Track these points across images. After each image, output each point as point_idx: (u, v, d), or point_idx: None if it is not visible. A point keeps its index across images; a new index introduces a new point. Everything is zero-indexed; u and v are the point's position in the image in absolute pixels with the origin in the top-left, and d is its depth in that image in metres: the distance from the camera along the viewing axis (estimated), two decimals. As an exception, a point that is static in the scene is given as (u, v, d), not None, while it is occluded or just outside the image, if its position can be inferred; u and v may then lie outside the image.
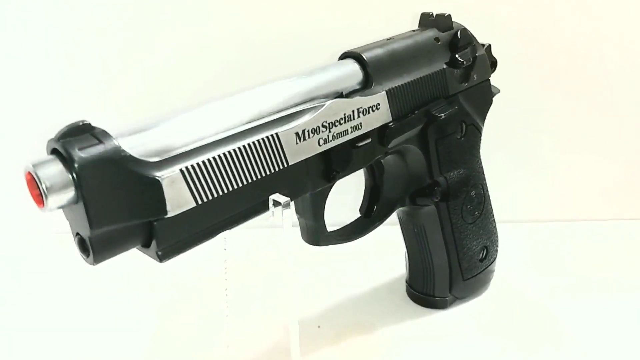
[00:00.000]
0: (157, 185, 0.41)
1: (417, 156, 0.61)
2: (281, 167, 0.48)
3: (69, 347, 0.67)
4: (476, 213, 0.67)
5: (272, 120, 0.48)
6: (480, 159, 0.67)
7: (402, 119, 0.56)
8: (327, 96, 0.51)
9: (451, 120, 0.61)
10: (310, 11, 0.82)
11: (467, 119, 0.63)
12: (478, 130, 0.65)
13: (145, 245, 0.43)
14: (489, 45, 0.66)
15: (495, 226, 0.70)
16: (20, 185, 0.40)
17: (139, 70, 0.84)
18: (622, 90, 0.86)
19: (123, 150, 0.40)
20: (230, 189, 0.45)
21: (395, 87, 0.55)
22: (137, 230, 0.42)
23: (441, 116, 0.59)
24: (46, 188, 0.37)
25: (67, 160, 0.38)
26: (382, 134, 0.55)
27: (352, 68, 0.54)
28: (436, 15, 0.60)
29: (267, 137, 0.47)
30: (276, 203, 0.48)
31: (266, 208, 0.49)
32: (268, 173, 0.47)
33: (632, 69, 0.85)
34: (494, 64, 0.67)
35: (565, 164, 0.90)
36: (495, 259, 0.71)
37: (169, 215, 0.42)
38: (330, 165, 0.52)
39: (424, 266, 0.68)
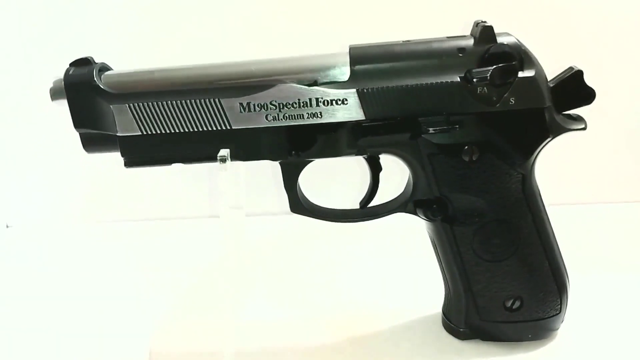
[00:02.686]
0: (109, 110, 0.57)
1: (416, 166, 0.59)
2: (224, 128, 0.57)
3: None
4: (499, 253, 0.59)
5: (225, 87, 0.56)
6: (523, 198, 0.58)
7: (381, 121, 0.56)
8: (299, 80, 0.56)
9: (448, 139, 0.56)
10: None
11: (483, 145, 0.56)
12: (505, 162, 0.56)
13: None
14: (577, 72, 0.55)
15: (543, 280, 0.60)
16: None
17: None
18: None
19: (94, 80, 0.56)
20: (173, 131, 0.57)
21: (373, 87, 0.55)
22: (109, 139, 0.59)
23: (429, 130, 0.55)
24: (51, 90, 0.58)
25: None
26: (354, 130, 0.57)
27: (343, 60, 0.56)
28: (479, 24, 0.55)
29: (210, 100, 0.56)
30: (220, 158, 0.58)
31: (214, 159, 0.59)
32: (211, 129, 0.57)
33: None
34: (587, 95, 0.56)
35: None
36: (548, 317, 0.61)
37: (120, 134, 0.58)
38: (291, 143, 0.58)
39: (444, 282, 0.65)
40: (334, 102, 0.55)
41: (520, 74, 0.54)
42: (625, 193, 0.94)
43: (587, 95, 0.56)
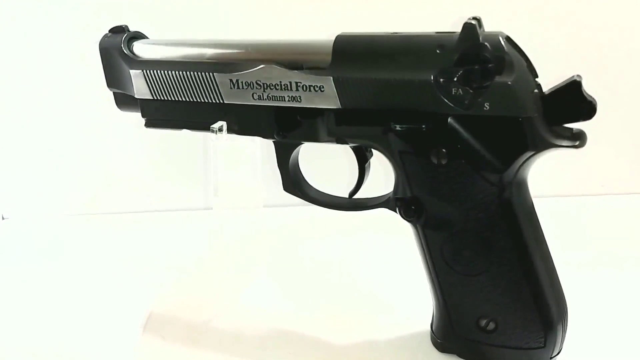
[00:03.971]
0: (128, 73, 0.64)
1: (392, 162, 0.57)
2: (218, 102, 0.61)
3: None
4: (471, 266, 0.56)
5: (224, 63, 0.60)
6: (498, 212, 0.53)
7: (355, 111, 0.55)
8: (285, 63, 0.58)
9: (416, 138, 0.53)
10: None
11: (453, 149, 0.53)
12: (477, 171, 0.52)
13: None
14: (573, 82, 0.50)
15: (520, 306, 0.55)
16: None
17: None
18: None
19: (121, 46, 0.64)
20: (177, 99, 0.63)
21: (349, 77, 0.54)
22: (133, 100, 0.66)
23: (395, 127, 0.54)
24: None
25: None
26: (330, 118, 0.57)
27: (328, 48, 0.56)
28: (464, 23, 0.51)
29: (206, 73, 0.60)
30: (214, 128, 0.62)
31: (209, 129, 0.63)
32: (207, 101, 0.61)
33: None
34: (585, 109, 0.50)
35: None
36: (529, 349, 0.57)
37: (136, 96, 0.65)
38: (277, 124, 0.60)
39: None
40: (312, 87, 0.56)
41: (497, 79, 0.49)
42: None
43: (585, 109, 0.49)
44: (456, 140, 0.52)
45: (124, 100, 0.66)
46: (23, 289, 0.77)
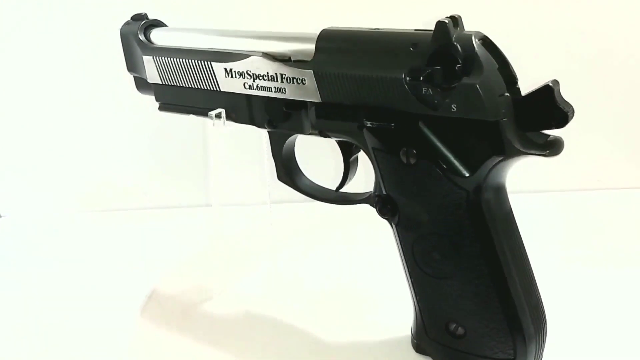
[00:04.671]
0: (141, 59, 0.68)
1: (369, 158, 0.57)
2: (215, 89, 0.63)
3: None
4: (440, 269, 0.55)
5: (220, 52, 0.62)
6: (467, 217, 0.52)
7: (333, 106, 0.56)
8: (273, 55, 0.59)
9: (386, 136, 0.53)
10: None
11: (422, 149, 0.52)
12: (444, 174, 0.51)
13: None
14: (545, 87, 0.48)
15: (489, 314, 0.54)
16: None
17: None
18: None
19: (138, 34, 0.68)
20: (182, 85, 0.66)
21: (328, 72, 0.55)
22: (148, 84, 0.70)
23: (366, 123, 0.54)
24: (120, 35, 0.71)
25: None
26: (311, 110, 0.58)
27: (312, 41, 0.57)
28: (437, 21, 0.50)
29: (204, 62, 0.63)
30: (211, 115, 0.65)
31: (217, 117, 0.66)
32: (207, 88, 0.64)
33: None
34: (558, 116, 0.48)
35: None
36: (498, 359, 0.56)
37: (148, 80, 0.68)
38: (267, 114, 0.62)
39: None
40: (295, 80, 0.57)
41: (465, 80, 0.48)
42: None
43: (557, 117, 0.47)
44: (425, 140, 0.51)
45: (142, 84, 0.70)
46: (20, 286, 0.79)
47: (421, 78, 0.49)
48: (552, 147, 0.48)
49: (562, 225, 0.87)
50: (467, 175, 0.50)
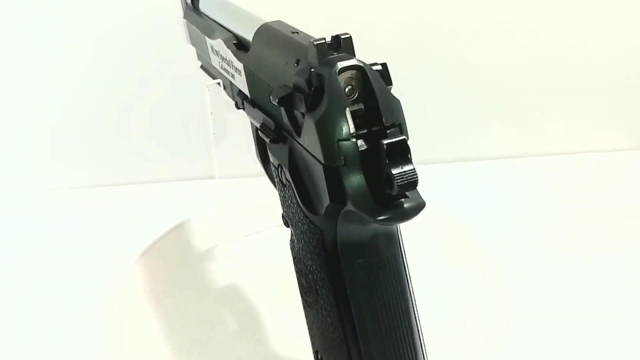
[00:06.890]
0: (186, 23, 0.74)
1: None
2: (209, 63, 0.67)
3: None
4: (306, 296, 0.54)
5: (210, 27, 0.64)
6: (323, 255, 0.48)
7: (254, 104, 0.56)
8: (238, 39, 0.59)
9: (274, 149, 0.51)
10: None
11: (290, 173, 0.49)
12: (299, 205, 0.48)
13: None
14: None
15: (335, 351, 0.51)
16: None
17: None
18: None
19: (193, 7, 0.72)
20: (199, 53, 0.70)
21: (248, 69, 0.54)
22: None
23: (257, 132, 0.52)
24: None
25: None
26: (247, 104, 0.58)
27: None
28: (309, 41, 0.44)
29: (202, 33, 0.66)
30: (207, 85, 0.69)
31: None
32: (209, 61, 0.67)
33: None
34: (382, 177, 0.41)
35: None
36: None
37: (189, 44, 0.74)
38: (239, 96, 0.63)
39: None
40: (236, 69, 0.57)
41: (310, 113, 0.43)
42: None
43: (385, 179, 0.41)
44: (291, 164, 0.48)
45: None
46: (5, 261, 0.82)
47: (277, 99, 0.45)
48: (396, 211, 0.41)
49: (546, 189, 0.90)
50: (317, 213, 0.46)
